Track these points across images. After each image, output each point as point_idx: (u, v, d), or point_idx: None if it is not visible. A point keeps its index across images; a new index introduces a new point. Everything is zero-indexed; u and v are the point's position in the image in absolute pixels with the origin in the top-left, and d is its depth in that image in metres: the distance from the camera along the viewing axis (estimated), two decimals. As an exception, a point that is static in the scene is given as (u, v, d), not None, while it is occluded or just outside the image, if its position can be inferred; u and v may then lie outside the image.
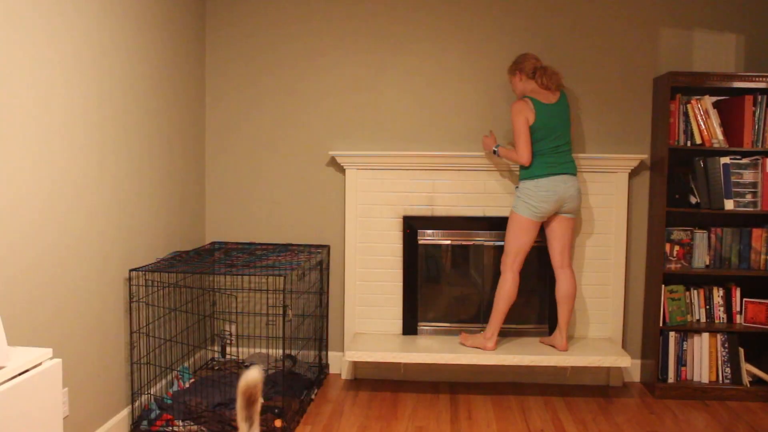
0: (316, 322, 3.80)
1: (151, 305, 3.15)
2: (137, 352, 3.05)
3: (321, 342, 3.85)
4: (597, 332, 3.78)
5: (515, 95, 3.57)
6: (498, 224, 3.73)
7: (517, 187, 3.49)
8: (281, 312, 3.17)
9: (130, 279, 3.00)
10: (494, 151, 3.54)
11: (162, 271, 3.11)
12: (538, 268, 3.81)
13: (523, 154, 3.37)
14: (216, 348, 3.89)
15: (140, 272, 3.04)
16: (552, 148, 3.39)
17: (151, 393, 3.16)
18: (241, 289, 3.67)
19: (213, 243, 3.88)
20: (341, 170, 3.83)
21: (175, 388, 3.30)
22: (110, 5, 2.79)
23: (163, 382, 3.31)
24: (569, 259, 3.53)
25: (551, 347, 3.59)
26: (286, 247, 3.81)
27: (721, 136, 3.54)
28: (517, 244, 3.45)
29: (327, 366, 3.90)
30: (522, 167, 3.43)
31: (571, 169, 3.43)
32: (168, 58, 3.37)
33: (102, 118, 2.76)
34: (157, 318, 3.20)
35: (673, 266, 3.62)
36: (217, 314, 3.86)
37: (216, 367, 3.67)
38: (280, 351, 3.70)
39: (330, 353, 3.93)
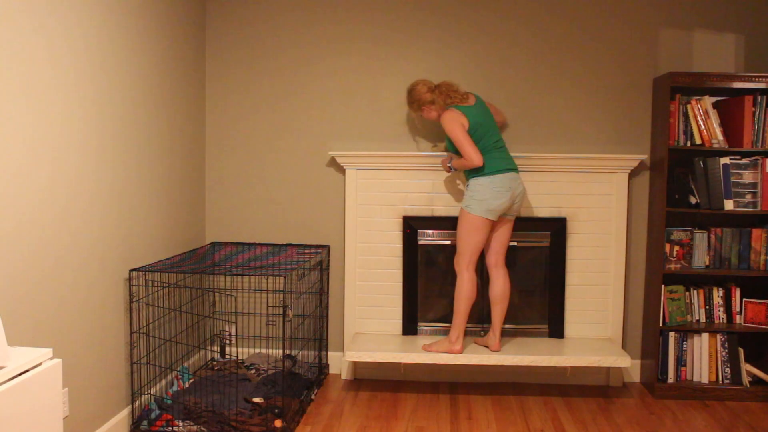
0: (316, 322, 3.80)
1: (151, 305, 3.15)
2: (137, 352, 3.05)
3: (321, 342, 3.85)
4: (597, 332, 3.78)
5: (432, 119, 3.52)
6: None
7: (467, 185, 3.42)
8: (281, 312, 3.16)
9: (130, 279, 3.00)
10: (449, 167, 3.52)
11: (162, 271, 3.11)
12: (539, 267, 3.81)
13: (474, 156, 3.27)
14: (216, 348, 3.89)
15: (140, 272, 3.04)
16: (493, 144, 3.38)
17: (151, 393, 3.16)
18: (241, 289, 3.67)
19: (213, 243, 3.88)
20: (341, 170, 3.83)
21: (175, 388, 3.30)
22: (111, 7, 2.79)
23: (163, 382, 3.31)
24: (504, 258, 3.51)
25: (486, 348, 3.56)
26: (286, 247, 3.81)
27: (720, 137, 3.54)
28: (471, 244, 3.39)
29: (327, 366, 3.90)
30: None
31: (516, 167, 3.43)
32: (168, 58, 3.37)
33: (102, 118, 2.76)
34: (157, 318, 3.20)
35: (672, 266, 3.62)
36: (217, 314, 3.86)
37: (216, 367, 3.67)
38: (280, 351, 3.69)
39: (330, 353, 3.93)
